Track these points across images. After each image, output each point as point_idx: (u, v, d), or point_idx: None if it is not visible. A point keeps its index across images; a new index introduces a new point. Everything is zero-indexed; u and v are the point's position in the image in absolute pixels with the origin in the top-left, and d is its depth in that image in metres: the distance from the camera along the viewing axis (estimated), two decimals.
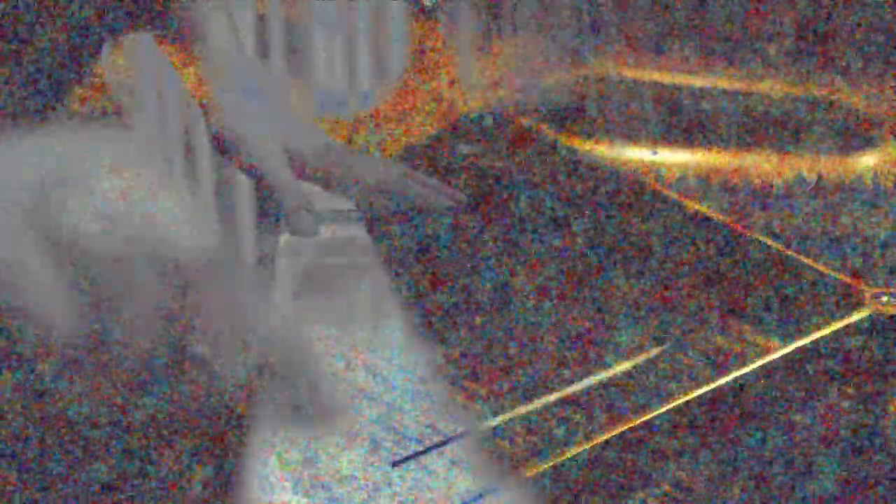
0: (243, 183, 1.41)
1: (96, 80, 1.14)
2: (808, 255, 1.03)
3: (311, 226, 1.01)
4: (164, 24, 1.05)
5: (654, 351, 1.04)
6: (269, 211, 1.04)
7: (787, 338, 0.96)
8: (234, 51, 1.03)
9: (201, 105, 1.06)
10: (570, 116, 1.24)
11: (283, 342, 0.66)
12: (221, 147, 1.02)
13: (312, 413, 0.73)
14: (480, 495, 0.79)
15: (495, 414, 0.96)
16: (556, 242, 1.12)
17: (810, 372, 0.94)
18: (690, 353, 1.04)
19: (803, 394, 0.95)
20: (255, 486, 0.80)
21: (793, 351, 0.91)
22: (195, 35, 1.03)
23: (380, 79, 1.29)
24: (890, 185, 1.20)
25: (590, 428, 0.95)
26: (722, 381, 0.90)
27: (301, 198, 1.01)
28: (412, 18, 1.30)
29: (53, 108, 1.13)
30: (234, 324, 0.62)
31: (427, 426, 0.92)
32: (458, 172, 1.16)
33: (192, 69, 1.05)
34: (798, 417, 0.98)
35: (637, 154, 1.23)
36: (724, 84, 1.29)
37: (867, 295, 0.95)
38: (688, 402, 0.88)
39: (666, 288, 1.09)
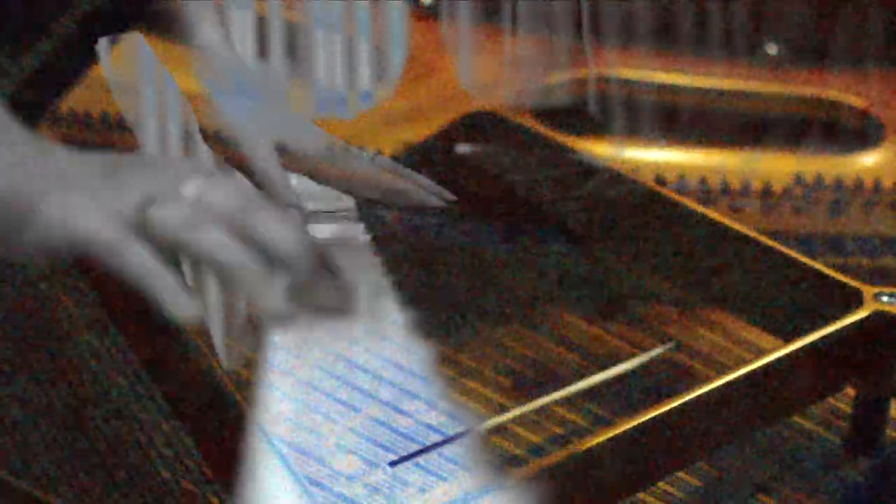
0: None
1: (93, 79, 1.14)
2: (808, 255, 1.03)
3: (301, 224, 1.01)
4: (155, 20, 1.05)
5: (655, 351, 1.04)
6: None
7: (787, 338, 0.96)
8: (225, 47, 1.04)
9: (192, 101, 1.06)
10: (570, 116, 1.24)
11: None
12: (211, 142, 1.03)
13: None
14: (480, 495, 0.80)
15: (495, 414, 0.96)
16: (556, 241, 1.12)
17: (810, 372, 0.94)
18: (690, 354, 1.04)
19: (803, 394, 0.95)
20: (255, 485, 0.80)
21: (793, 351, 0.91)
22: (186, 31, 1.03)
23: (380, 79, 1.29)
24: (890, 185, 1.20)
25: (590, 427, 0.96)
26: (722, 381, 0.90)
27: (291, 195, 1.01)
28: (412, 18, 1.30)
29: (49, 106, 1.13)
30: None
31: (427, 426, 0.92)
32: (458, 172, 1.16)
33: (182, 65, 1.05)
34: (798, 417, 0.98)
35: (637, 154, 1.23)
36: (724, 84, 1.29)
37: (867, 295, 0.95)
38: (688, 402, 0.88)
39: (666, 288, 1.09)
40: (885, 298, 0.95)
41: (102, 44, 1.11)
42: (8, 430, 0.94)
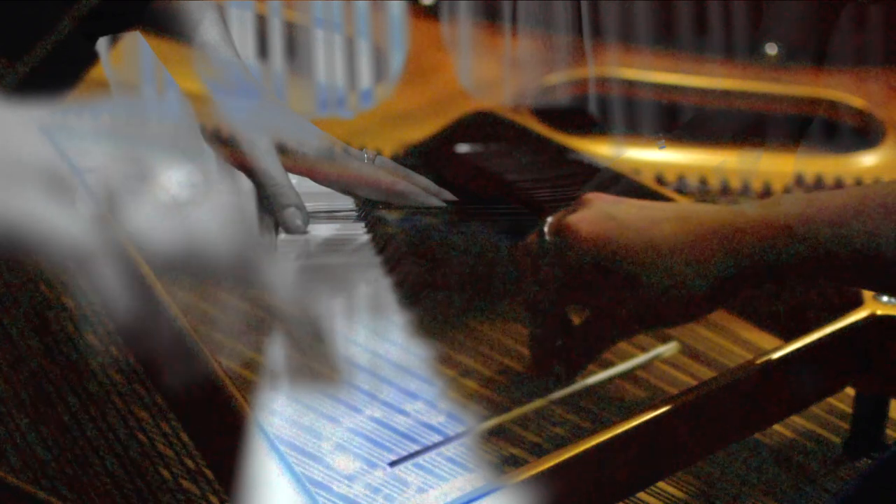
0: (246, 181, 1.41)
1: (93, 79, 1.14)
2: None
3: (301, 223, 1.01)
4: (155, 20, 1.05)
5: (655, 351, 1.04)
6: (265, 208, 1.04)
7: (787, 338, 0.96)
8: (225, 47, 1.04)
9: (192, 101, 1.06)
10: (570, 116, 1.24)
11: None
12: (211, 141, 1.03)
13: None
14: (481, 495, 0.80)
15: (495, 414, 0.96)
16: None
17: (810, 372, 0.94)
18: (690, 353, 1.04)
19: (803, 394, 0.95)
20: (255, 485, 0.80)
21: (793, 351, 0.91)
22: (186, 31, 1.03)
23: (380, 79, 1.29)
24: None
25: (590, 427, 0.95)
26: (722, 381, 0.90)
27: (292, 195, 1.01)
28: (412, 18, 1.30)
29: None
30: None
31: (427, 426, 0.92)
32: (458, 172, 1.16)
33: (182, 65, 1.05)
34: (798, 417, 0.98)
35: (636, 154, 1.23)
36: (724, 84, 1.29)
37: (867, 295, 0.95)
38: (688, 401, 0.88)
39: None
40: (884, 299, 0.95)
41: (102, 44, 1.11)
42: (8, 430, 0.94)
